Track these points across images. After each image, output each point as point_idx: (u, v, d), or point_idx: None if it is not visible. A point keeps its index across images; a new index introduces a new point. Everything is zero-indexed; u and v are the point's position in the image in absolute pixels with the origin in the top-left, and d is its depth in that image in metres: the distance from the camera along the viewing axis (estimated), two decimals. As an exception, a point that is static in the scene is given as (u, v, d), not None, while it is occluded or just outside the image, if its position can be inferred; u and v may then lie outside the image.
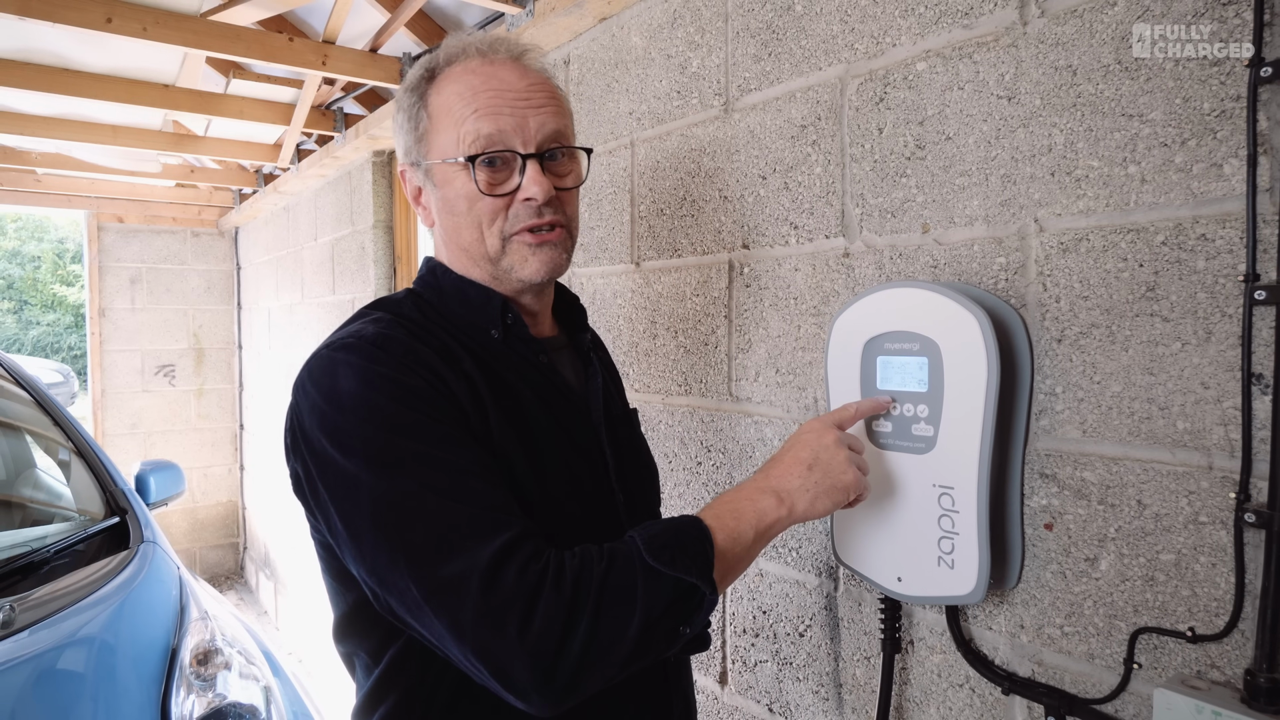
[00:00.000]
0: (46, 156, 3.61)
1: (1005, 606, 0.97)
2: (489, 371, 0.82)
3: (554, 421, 0.85)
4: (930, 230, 1.03)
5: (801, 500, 0.82)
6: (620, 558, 0.69)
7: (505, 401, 0.81)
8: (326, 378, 0.75)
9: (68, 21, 1.81)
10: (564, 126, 0.87)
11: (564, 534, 0.77)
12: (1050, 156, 0.90)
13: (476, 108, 0.82)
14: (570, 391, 0.90)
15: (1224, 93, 0.76)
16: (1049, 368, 0.91)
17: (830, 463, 0.85)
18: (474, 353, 0.83)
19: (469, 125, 0.82)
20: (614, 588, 0.66)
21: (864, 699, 1.15)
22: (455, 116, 0.83)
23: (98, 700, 1.48)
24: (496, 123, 0.81)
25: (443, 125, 0.84)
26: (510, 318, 0.88)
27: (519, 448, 0.79)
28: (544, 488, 0.81)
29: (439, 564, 0.65)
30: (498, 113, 0.82)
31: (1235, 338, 0.76)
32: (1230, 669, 0.77)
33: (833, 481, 0.84)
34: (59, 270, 15.95)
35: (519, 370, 0.86)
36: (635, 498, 0.94)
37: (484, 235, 0.85)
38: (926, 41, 1.02)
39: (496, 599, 0.64)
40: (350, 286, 3.19)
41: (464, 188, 0.84)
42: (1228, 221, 0.77)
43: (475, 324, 0.87)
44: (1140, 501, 0.84)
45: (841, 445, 0.87)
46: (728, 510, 0.79)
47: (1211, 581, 0.79)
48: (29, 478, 2.22)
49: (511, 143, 0.82)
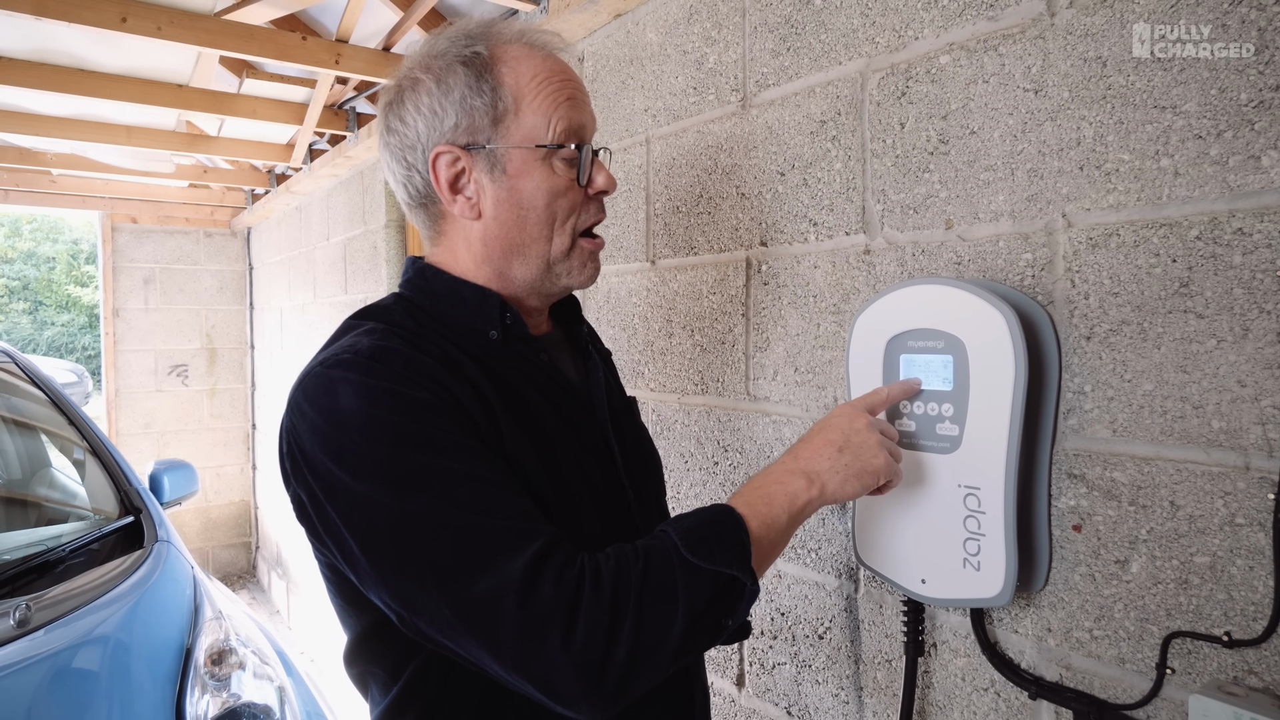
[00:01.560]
0: (61, 157, 3.63)
1: (1032, 609, 0.95)
2: (493, 375, 0.79)
3: (563, 421, 0.83)
4: (954, 226, 1.01)
5: (832, 481, 0.81)
6: (657, 556, 0.67)
7: (514, 405, 0.78)
8: (324, 397, 0.70)
9: (83, 21, 1.81)
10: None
11: (582, 535, 0.75)
12: (1079, 150, 0.88)
13: (568, 95, 0.79)
14: (573, 388, 0.88)
15: (1262, 83, 0.74)
16: (1077, 366, 0.89)
17: (861, 445, 0.83)
18: (475, 357, 0.79)
19: (563, 111, 0.79)
20: (654, 587, 0.64)
21: (885, 703, 1.13)
22: (545, 101, 0.79)
23: (113, 699, 1.48)
24: (582, 114, 0.80)
25: (530, 108, 0.79)
26: (509, 317, 0.84)
27: (532, 452, 0.77)
28: (560, 490, 0.79)
29: (470, 582, 0.63)
30: (581, 104, 0.81)
31: (1274, 334, 0.74)
32: (1269, 675, 0.75)
33: (863, 464, 0.83)
34: (73, 271, 16.09)
35: (522, 371, 0.83)
36: (643, 492, 0.93)
37: (553, 233, 0.81)
38: (950, 34, 1.00)
39: (535, 612, 0.61)
40: (363, 286, 3.19)
41: (546, 180, 0.80)
42: (1266, 215, 0.75)
43: (472, 326, 0.83)
44: (1173, 503, 0.82)
45: (873, 429, 0.85)
46: (759, 496, 0.77)
47: (1248, 585, 0.77)
48: (44, 477, 2.23)
49: (588, 137, 0.82)
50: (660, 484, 1.04)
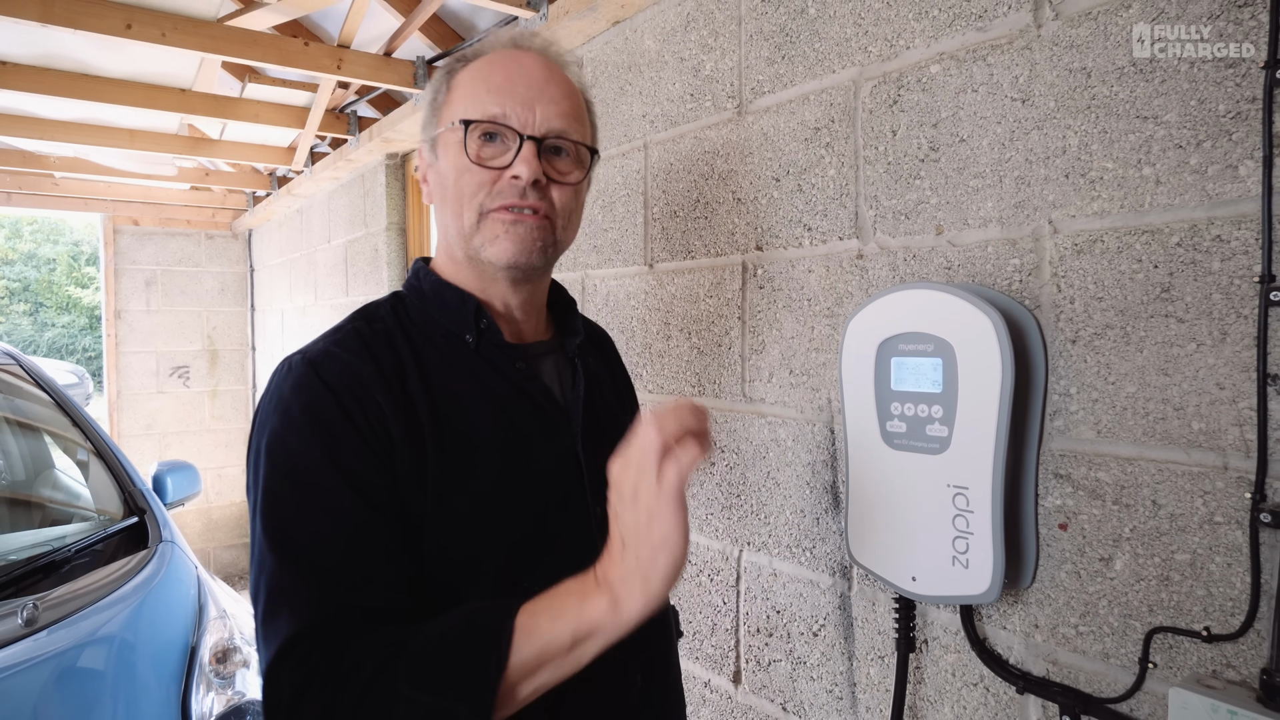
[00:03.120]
0: (64, 160, 3.65)
1: (1020, 606, 0.97)
2: (437, 388, 0.79)
3: (517, 436, 0.82)
4: (944, 232, 1.04)
5: (628, 600, 0.64)
6: (381, 681, 0.63)
7: (451, 421, 0.78)
8: (274, 386, 0.77)
9: (88, 28, 1.84)
10: (573, 127, 0.84)
11: (525, 551, 0.76)
12: (1065, 158, 0.90)
13: (491, 86, 0.82)
14: (548, 400, 0.86)
15: (1239, 94, 0.77)
16: (1063, 368, 0.92)
17: (651, 518, 0.62)
18: (433, 365, 0.80)
19: (479, 97, 0.81)
20: (368, 714, 0.63)
21: (878, 698, 1.15)
22: (469, 90, 0.83)
23: (118, 698, 1.51)
24: (503, 102, 0.81)
25: (456, 98, 0.84)
26: (484, 323, 0.84)
27: (457, 468, 0.76)
28: (492, 506, 0.78)
29: (267, 614, 0.68)
30: (508, 93, 0.81)
31: (1250, 339, 0.76)
32: (1246, 668, 0.78)
33: (654, 559, 0.62)
34: (74, 273, 16.11)
35: (486, 380, 0.83)
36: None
37: (463, 209, 0.82)
38: (940, 44, 1.03)
39: (272, 683, 0.66)
40: (364, 289, 3.21)
41: (456, 157, 0.82)
42: (1243, 223, 0.77)
43: (450, 330, 0.84)
44: (1155, 502, 0.84)
45: (668, 489, 0.62)
46: (555, 606, 0.66)
47: (1227, 581, 0.79)
48: (48, 478, 2.25)
49: (512, 121, 0.81)
50: None
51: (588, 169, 0.86)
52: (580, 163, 0.85)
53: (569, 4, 1.62)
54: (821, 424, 1.22)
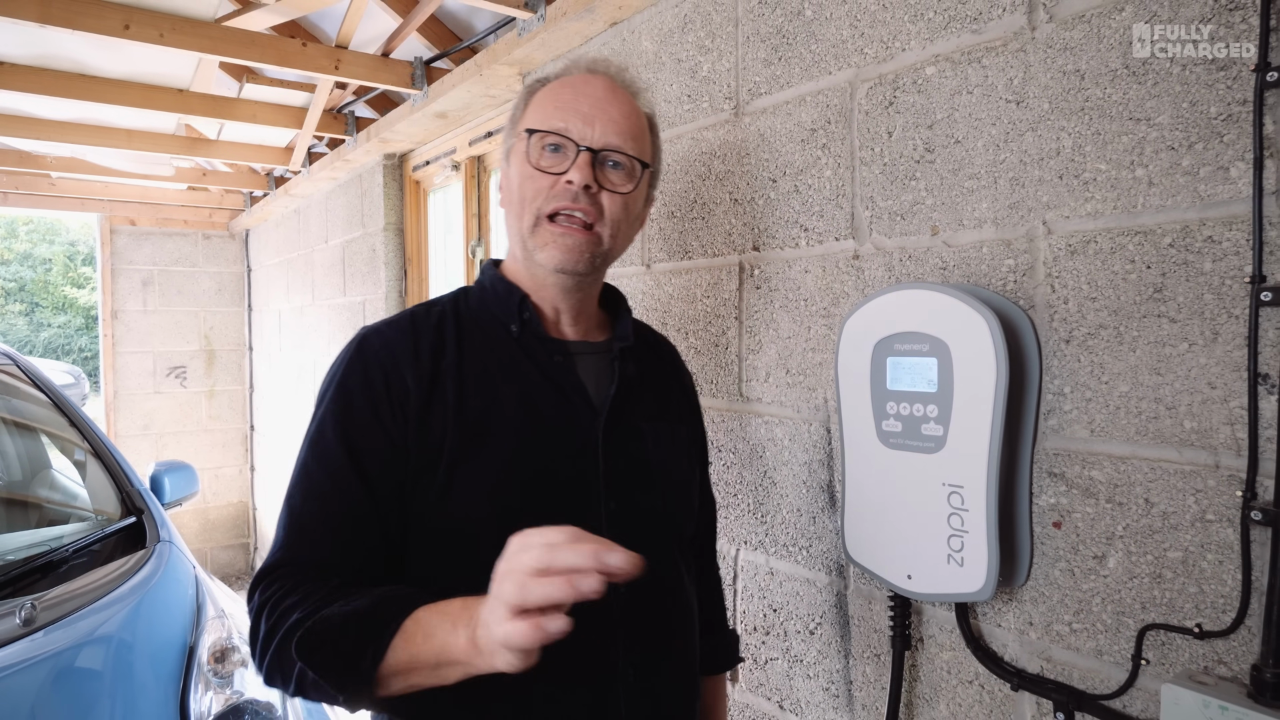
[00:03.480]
0: (61, 160, 3.65)
1: (1014, 604, 0.98)
2: (473, 369, 0.88)
3: (540, 423, 0.87)
4: (939, 233, 1.04)
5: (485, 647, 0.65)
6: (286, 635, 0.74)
7: (476, 399, 0.87)
8: (337, 356, 0.90)
9: (86, 28, 1.84)
10: (629, 143, 0.91)
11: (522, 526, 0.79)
12: (1058, 160, 0.91)
13: (559, 103, 0.91)
14: (579, 394, 0.91)
15: (1230, 97, 0.78)
16: (1057, 368, 0.92)
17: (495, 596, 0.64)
18: (474, 348, 0.90)
19: (547, 112, 0.91)
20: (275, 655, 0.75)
21: (874, 695, 1.16)
22: (540, 106, 0.93)
23: (116, 698, 1.51)
24: (566, 117, 0.90)
25: (529, 113, 0.94)
26: (527, 314, 0.92)
27: (473, 439, 0.85)
28: (499, 481, 0.84)
29: (271, 545, 0.84)
30: (573, 109, 0.90)
31: (1242, 338, 0.77)
32: (1237, 664, 0.79)
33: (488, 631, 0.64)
34: (70, 273, 16.07)
35: (520, 366, 0.90)
36: (631, 505, 0.92)
37: (524, 211, 0.91)
38: (935, 46, 1.04)
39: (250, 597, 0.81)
40: (361, 289, 3.21)
41: (521, 164, 0.92)
42: (1234, 224, 0.78)
43: (498, 319, 0.93)
44: (1148, 500, 0.85)
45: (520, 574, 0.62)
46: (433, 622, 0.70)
47: (1218, 578, 0.80)
48: (45, 478, 2.25)
49: (573, 134, 0.89)
50: (662, 502, 0.97)
51: (638, 181, 0.93)
52: (633, 176, 0.92)
53: (566, 5, 1.62)
54: (818, 423, 1.23)
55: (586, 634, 0.83)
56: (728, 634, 1.17)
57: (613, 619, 0.87)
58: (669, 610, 0.96)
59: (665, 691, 0.93)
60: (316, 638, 0.72)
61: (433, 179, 2.88)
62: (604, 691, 0.86)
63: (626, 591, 0.89)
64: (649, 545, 0.92)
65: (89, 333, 15.45)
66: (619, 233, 0.92)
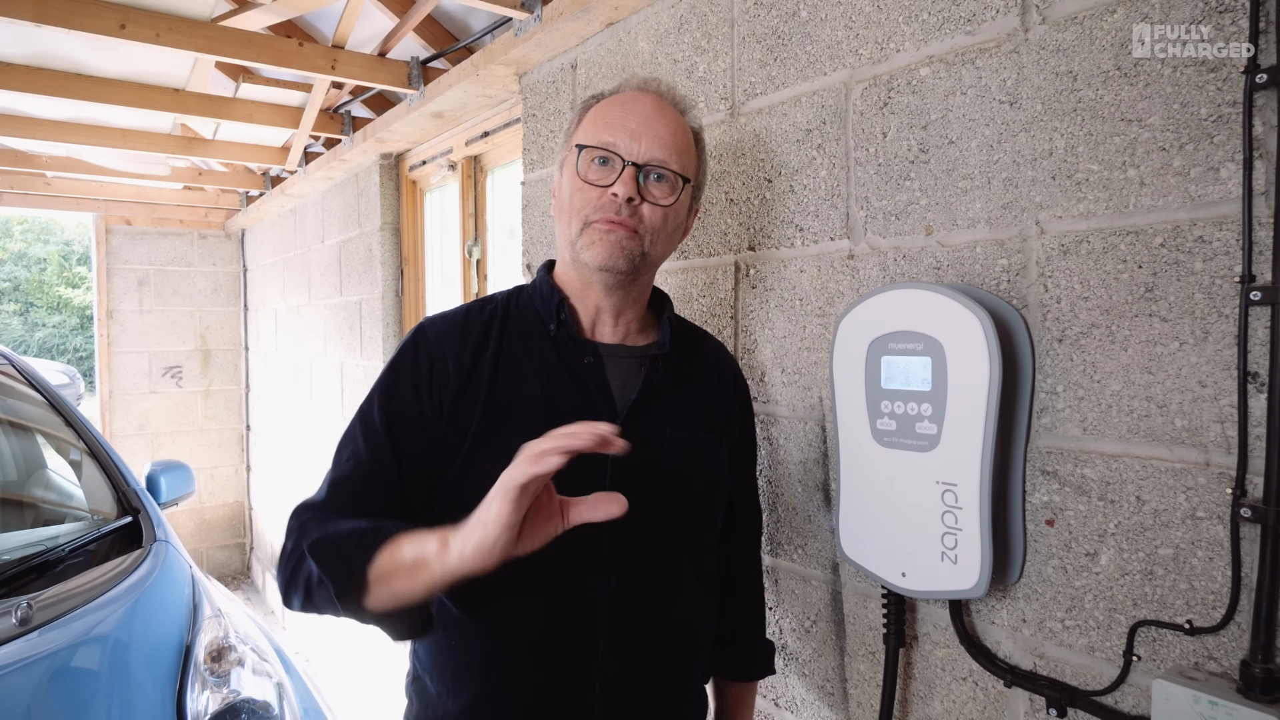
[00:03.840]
0: (57, 160, 3.64)
1: (1007, 601, 0.99)
2: (508, 363, 0.96)
3: (558, 415, 0.91)
4: (934, 232, 1.05)
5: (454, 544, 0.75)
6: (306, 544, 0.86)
7: (505, 391, 0.94)
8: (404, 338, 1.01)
9: (83, 28, 1.84)
10: (673, 158, 0.96)
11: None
12: (1051, 160, 0.92)
13: (608, 119, 0.97)
14: (602, 394, 0.96)
15: (1220, 98, 0.78)
16: (1050, 367, 0.93)
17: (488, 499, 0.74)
18: (513, 344, 0.97)
19: (597, 127, 0.97)
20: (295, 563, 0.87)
21: (868, 693, 1.17)
22: (591, 122, 0.99)
23: (112, 697, 1.51)
24: (615, 132, 0.96)
25: (582, 128, 1.00)
26: (564, 316, 0.98)
27: (494, 427, 0.92)
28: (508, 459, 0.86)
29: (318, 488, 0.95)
30: (621, 126, 0.96)
31: (1231, 337, 0.78)
32: (1227, 660, 0.79)
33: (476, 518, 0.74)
34: (65, 272, 16.02)
35: (549, 364, 0.96)
36: (638, 503, 0.89)
37: (572, 219, 0.96)
38: (930, 47, 1.04)
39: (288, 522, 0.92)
40: (358, 288, 3.21)
41: (571, 176, 0.98)
42: (1224, 224, 0.78)
43: (540, 318, 0.99)
44: (1139, 497, 0.86)
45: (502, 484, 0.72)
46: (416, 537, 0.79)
47: (1209, 575, 0.80)
48: (41, 478, 2.25)
49: (620, 149, 0.95)
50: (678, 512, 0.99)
51: (678, 194, 0.97)
52: (675, 190, 0.97)
53: (563, 6, 1.63)
54: (813, 422, 1.23)
55: (568, 621, 0.92)
56: (761, 643, 1.17)
57: (597, 609, 0.92)
58: (662, 613, 0.97)
59: (646, 690, 0.96)
60: (326, 541, 0.84)
61: (429, 179, 2.89)
62: (580, 678, 0.92)
63: (617, 584, 0.93)
64: (650, 545, 0.96)
65: (84, 332, 15.41)
66: (658, 240, 0.97)
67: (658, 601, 0.97)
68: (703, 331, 1.14)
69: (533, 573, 0.87)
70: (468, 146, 2.54)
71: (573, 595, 0.93)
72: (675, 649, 0.99)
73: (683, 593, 0.99)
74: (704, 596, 1.04)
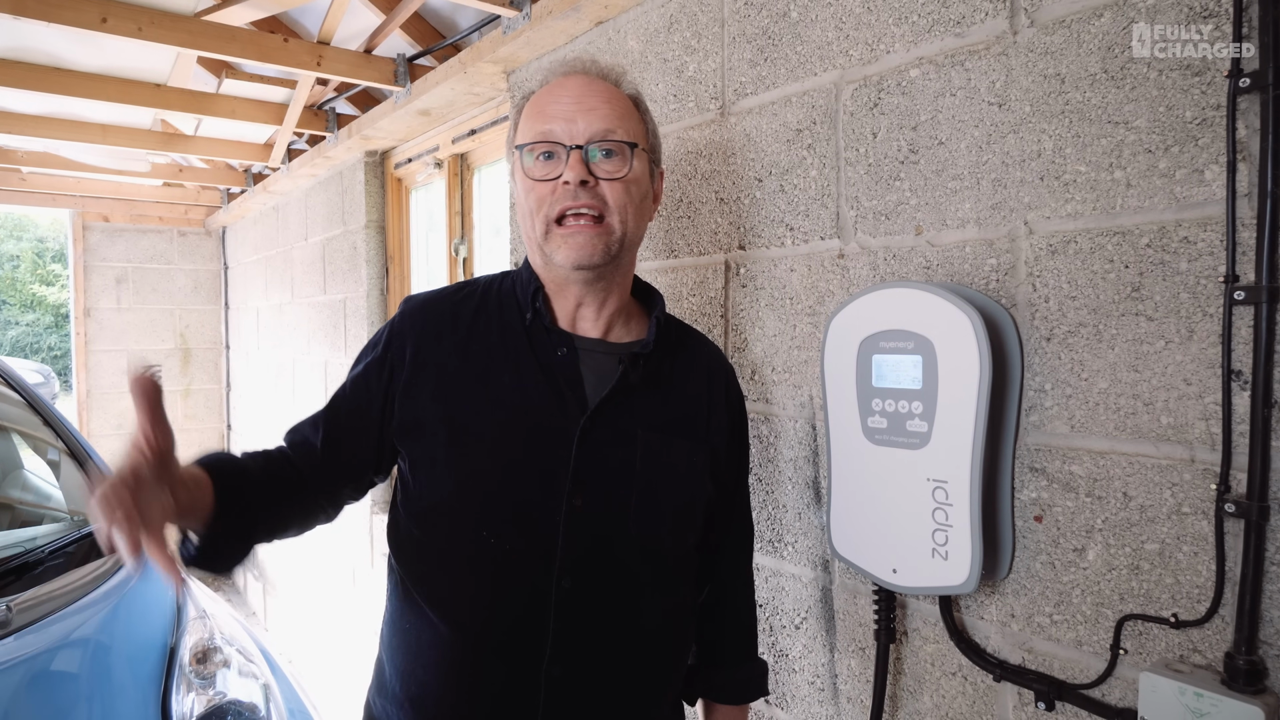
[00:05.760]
0: (33, 155, 3.58)
1: (996, 596, 1.00)
2: (479, 344, 0.96)
3: (523, 405, 0.92)
4: (923, 232, 1.06)
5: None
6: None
7: (471, 372, 0.94)
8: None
9: (63, 21, 1.81)
10: (616, 125, 0.92)
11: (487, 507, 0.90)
12: (1039, 161, 0.93)
13: (541, 111, 0.94)
14: (572, 388, 0.93)
15: (1205, 102, 0.80)
16: (1038, 365, 0.94)
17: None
18: (488, 327, 0.97)
19: (532, 123, 0.95)
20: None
21: (859, 689, 1.18)
22: (525, 120, 0.97)
23: (95, 700, 1.48)
24: (549, 122, 0.93)
25: (519, 129, 0.98)
26: (539, 305, 0.96)
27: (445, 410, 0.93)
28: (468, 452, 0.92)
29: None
30: (554, 113, 0.93)
31: (1216, 336, 0.79)
32: (1211, 652, 0.81)
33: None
34: (38, 270, 15.73)
35: (519, 353, 0.95)
36: (600, 506, 0.91)
37: (534, 221, 0.94)
38: (920, 49, 1.05)
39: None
40: (342, 286, 3.19)
41: (521, 179, 0.95)
42: (1209, 225, 0.80)
43: (518, 305, 0.98)
44: (1126, 494, 0.87)
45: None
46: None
47: (1194, 569, 0.82)
48: (17, 478, 2.21)
49: (559, 136, 0.92)
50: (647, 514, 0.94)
51: (629, 163, 0.93)
52: (626, 159, 0.93)
53: (552, 4, 1.62)
54: (803, 420, 1.24)
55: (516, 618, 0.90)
56: (754, 664, 1.12)
57: (546, 610, 0.89)
58: (621, 621, 0.92)
59: (599, 703, 0.92)
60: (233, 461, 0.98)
61: (415, 176, 2.87)
62: (525, 680, 0.89)
63: (571, 585, 0.89)
64: (610, 549, 0.93)
65: (58, 331, 15.15)
66: (629, 217, 0.94)
67: (616, 609, 0.92)
68: (700, 335, 1.09)
69: (483, 564, 0.89)
70: (454, 144, 2.52)
71: (523, 593, 0.89)
72: (633, 662, 0.94)
73: (646, 602, 0.94)
74: (674, 609, 0.98)
